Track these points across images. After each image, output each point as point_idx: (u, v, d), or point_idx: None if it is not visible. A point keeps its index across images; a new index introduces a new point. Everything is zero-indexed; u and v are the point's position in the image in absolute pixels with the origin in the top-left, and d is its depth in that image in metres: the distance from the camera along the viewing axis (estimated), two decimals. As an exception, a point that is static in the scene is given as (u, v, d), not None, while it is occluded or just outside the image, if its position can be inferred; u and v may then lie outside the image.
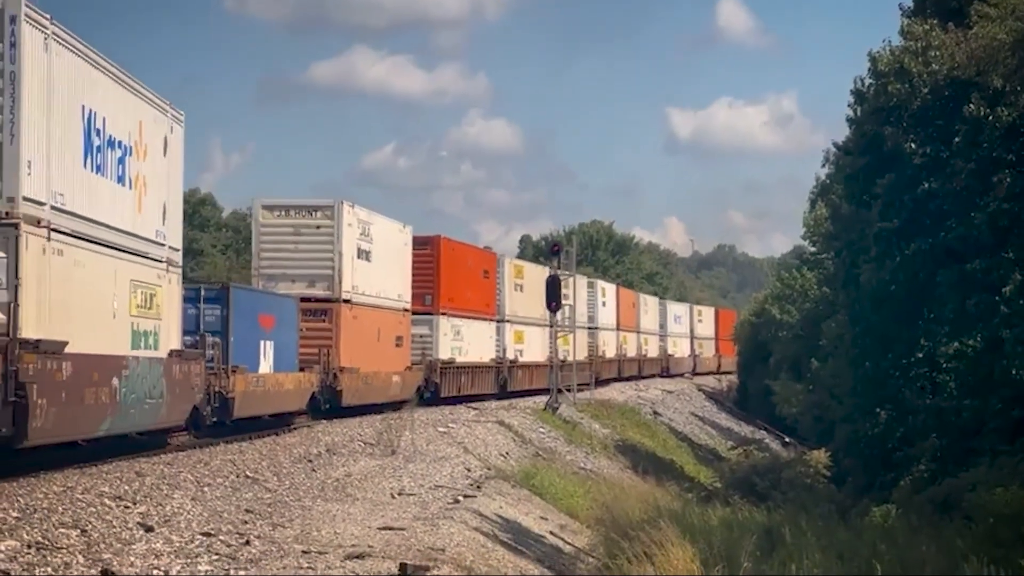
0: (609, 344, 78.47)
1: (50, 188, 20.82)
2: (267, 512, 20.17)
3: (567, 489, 33.75)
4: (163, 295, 26.44)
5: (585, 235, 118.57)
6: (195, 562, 15.49)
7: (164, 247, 26.97)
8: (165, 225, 26.94)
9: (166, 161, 27.04)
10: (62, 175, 21.35)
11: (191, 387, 27.98)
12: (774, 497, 34.86)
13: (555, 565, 23.11)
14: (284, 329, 35.57)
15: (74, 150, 21.97)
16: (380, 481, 25.93)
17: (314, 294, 38.85)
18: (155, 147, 26.25)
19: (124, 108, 24.43)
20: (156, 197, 26.32)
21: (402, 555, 17.31)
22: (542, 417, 49.54)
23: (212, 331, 30.66)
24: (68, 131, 21.66)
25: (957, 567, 20.55)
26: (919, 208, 32.27)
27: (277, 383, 34.37)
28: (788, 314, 70.31)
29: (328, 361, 38.12)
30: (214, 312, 31.08)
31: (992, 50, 28.33)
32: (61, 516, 17.20)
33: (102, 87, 23.27)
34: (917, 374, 34.96)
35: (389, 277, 43.50)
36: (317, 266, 39.13)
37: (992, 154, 30.00)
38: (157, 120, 26.53)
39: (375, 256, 41.92)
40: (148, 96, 25.99)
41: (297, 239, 39.29)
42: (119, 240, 24.05)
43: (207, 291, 31.67)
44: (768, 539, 23.56)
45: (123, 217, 24.30)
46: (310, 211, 39.52)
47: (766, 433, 74.52)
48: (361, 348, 40.11)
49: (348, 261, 39.66)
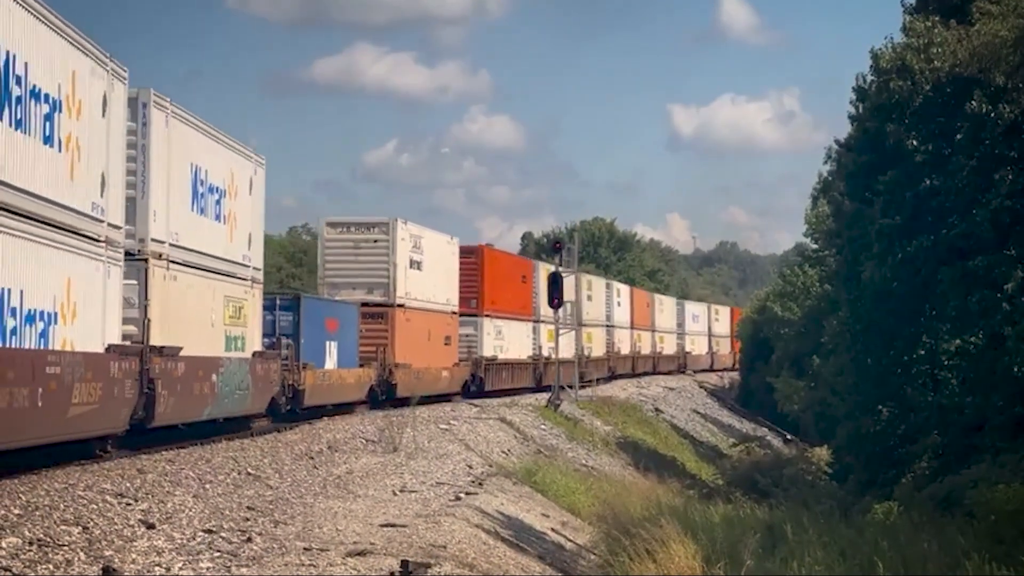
0: (623, 341, 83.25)
1: (169, 229, 26.67)
2: (269, 509, 20.17)
3: (568, 486, 33.77)
4: (248, 307, 32.13)
5: (587, 232, 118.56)
6: (197, 559, 15.49)
7: (249, 268, 32.47)
8: (250, 250, 32.61)
9: (251, 198, 32.82)
10: (177, 218, 27.13)
11: (270, 381, 33.29)
12: (776, 494, 34.89)
13: (557, 562, 23.12)
14: (346, 331, 41.06)
15: (185, 198, 27.89)
16: (382, 478, 25.94)
17: (372, 300, 44.22)
18: (243, 188, 32.02)
19: (220, 160, 30.36)
20: (243, 228, 31.96)
21: (404, 552, 17.32)
22: (543, 414, 49.55)
23: (286, 334, 36.15)
24: (181, 184, 27.62)
25: (959, 564, 20.54)
26: (921, 205, 32.24)
27: (340, 377, 39.75)
28: (790, 311, 70.32)
29: (385, 358, 43.40)
30: (287, 318, 36.68)
31: (994, 47, 28.30)
32: (63, 513, 17.20)
33: (204, 146, 29.15)
34: (919, 371, 34.90)
35: (438, 283, 48.92)
36: (375, 275, 44.48)
37: (994, 151, 29.97)
38: (245, 167, 32.39)
39: (425, 265, 47.30)
40: (239, 148, 31.92)
41: (357, 252, 44.63)
42: (216, 265, 29.78)
43: (282, 301, 37.35)
44: (770, 536, 23.56)
45: (219, 247, 30.13)
46: (368, 227, 44.94)
47: (768, 430, 74.60)
48: (414, 347, 45.49)
49: (402, 271, 45.06)
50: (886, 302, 33.49)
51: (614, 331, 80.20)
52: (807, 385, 55.08)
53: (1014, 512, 23.28)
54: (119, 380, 23.00)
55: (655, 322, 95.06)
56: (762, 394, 78.38)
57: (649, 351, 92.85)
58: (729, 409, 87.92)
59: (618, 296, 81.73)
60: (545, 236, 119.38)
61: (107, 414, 22.61)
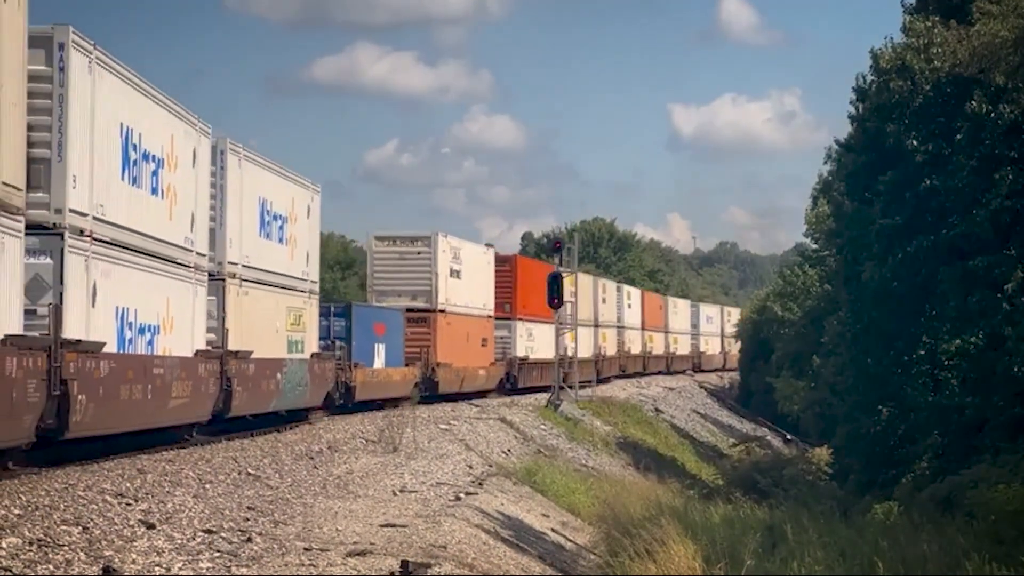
0: (634, 342, 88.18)
1: (241, 253, 31.61)
2: (269, 509, 20.17)
3: (568, 486, 33.78)
4: (307, 315, 36.73)
5: (587, 232, 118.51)
6: (197, 559, 15.48)
7: (307, 282, 36.96)
8: (308, 267, 37.20)
9: (308, 222, 37.41)
10: (248, 243, 32.12)
11: (325, 378, 37.87)
12: (776, 494, 34.89)
13: (557, 562, 23.12)
14: (393, 334, 45.90)
15: (254, 225, 32.66)
16: (382, 478, 25.94)
17: (416, 306, 48.85)
18: (302, 214, 36.70)
19: (283, 191, 35.16)
20: (303, 248, 36.64)
21: (404, 552, 17.31)
22: (543, 414, 49.57)
23: (339, 338, 40.85)
24: (251, 214, 32.49)
25: (959, 565, 20.53)
26: (921, 205, 32.26)
27: (387, 375, 44.39)
28: (790, 311, 70.35)
29: (428, 358, 48.09)
30: (340, 323, 41.41)
31: (994, 47, 28.29)
32: (63, 513, 17.19)
33: (270, 181, 34.09)
34: (919, 371, 34.92)
35: (475, 290, 53.60)
36: (418, 284, 49.29)
37: (994, 151, 29.98)
38: (303, 196, 37.03)
39: (464, 274, 51.94)
40: (299, 180, 36.70)
41: (402, 263, 49.40)
42: (280, 281, 34.50)
43: (335, 308, 42.41)
44: (770, 536, 23.56)
45: (282, 265, 34.85)
46: (412, 241, 49.84)
47: (768, 430, 74.60)
48: (454, 348, 50.15)
49: (443, 280, 49.69)
50: (886, 302, 33.51)
51: (624, 332, 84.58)
52: (807, 385, 55.12)
53: (1014, 512, 23.28)
54: (205, 379, 28.06)
55: (668, 324, 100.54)
56: (762, 394, 78.45)
57: (662, 351, 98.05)
58: (729, 409, 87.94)
59: (628, 299, 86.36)
60: (545, 236, 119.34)
61: (196, 406, 27.77)
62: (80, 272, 22.02)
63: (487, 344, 55.11)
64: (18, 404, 19.13)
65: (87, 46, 22.15)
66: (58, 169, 21.42)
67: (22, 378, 19.09)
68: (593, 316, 73.23)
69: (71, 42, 21.43)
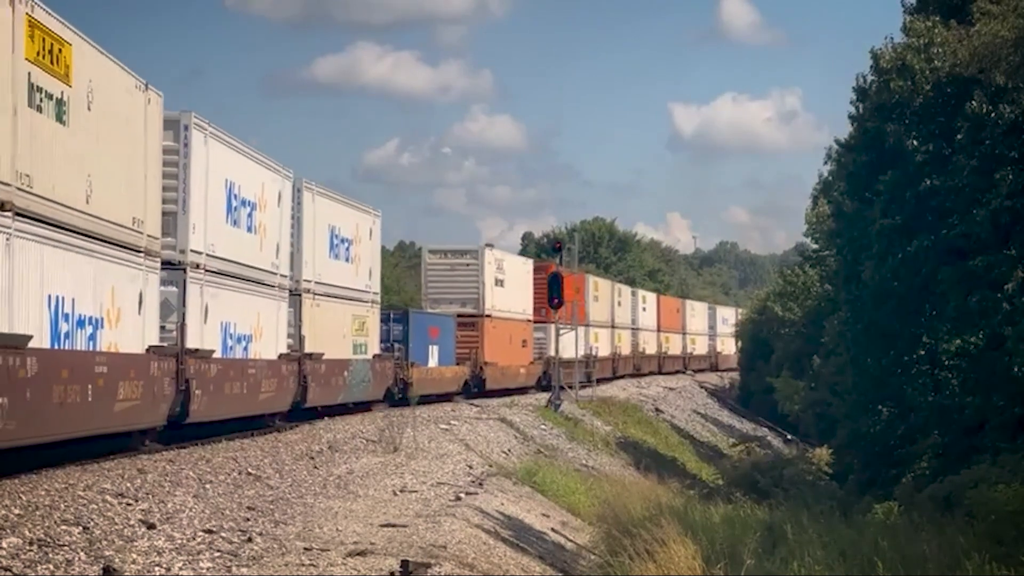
0: (649, 342, 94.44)
1: (314, 272, 37.38)
2: (269, 509, 20.18)
3: (569, 486, 33.79)
4: (370, 321, 42.78)
5: (587, 232, 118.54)
6: (197, 559, 15.50)
7: (369, 293, 43.05)
8: (371, 280, 43.35)
9: (371, 242, 43.64)
10: (320, 264, 37.97)
11: (385, 376, 44.08)
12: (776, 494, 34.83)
13: (557, 562, 23.12)
14: (445, 336, 52.00)
15: (325, 249, 38.70)
16: (382, 478, 25.95)
17: (465, 311, 54.87)
18: (365, 236, 42.71)
19: (349, 218, 41.22)
20: (366, 265, 42.75)
21: (404, 552, 17.32)
22: (544, 414, 49.60)
23: (398, 340, 46.87)
24: (323, 240, 38.46)
25: (959, 564, 20.52)
26: (921, 205, 32.25)
27: (440, 373, 50.57)
28: (790, 311, 70.38)
29: (476, 358, 54.37)
30: (399, 328, 47.49)
31: (994, 47, 28.29)
32: (63, 513, 17.20)
33: (339, 211, 40.15)
34: (919, 371, 34.91)
35: (517, 297, 59.67)
36: (467, 292, 55.29)
37: (994, 151, 29.97)
38: (366, 220, 43.18)
39: (507, 283, 58.24)
40: (362, 208, 42.96)
41: (453, 273, 55.63)
42: (346, 294, 40.29)
43: (394, 314, 48.35)
44: (770, 536, 23.55)
45: (348, 280, 40.69)
46: (461, 254, 56.25)
47: (768, 430, 74.58)
48: (498, 349, 56.74)
49: (488, 288, 55.79)
50: (886, 302, 33.50)
51: (639, 333, 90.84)
52: (807, 385, 55.12)
53: (1014, 512, 23.27)
54: (286, 376, 33.86)
55: (686, 325, 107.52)
56: (762, 394, 78.43)
57: (678, 351, 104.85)
58: (729, 409, 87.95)
59: (643, 302, 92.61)
60: (545, 236, 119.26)
61: (280, 399, 33.53)
62: (196, 296, 28.06)
63: (527, 345, 61.48)
64: (157, 396, 25.14)
65: (203, 124, 28.32)
66: (183, 220, 27.63)
67: (159, 376, 25.14)
68: (610, 318, 79.48)
69: (192, 123, 27.80)
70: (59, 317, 20.86)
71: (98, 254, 22.59)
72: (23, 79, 19.37)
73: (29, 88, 19.57)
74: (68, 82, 21.02)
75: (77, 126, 21.40)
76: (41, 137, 20.06)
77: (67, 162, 21.15)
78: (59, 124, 20.72)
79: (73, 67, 21.19)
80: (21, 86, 19.30)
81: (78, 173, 21.66)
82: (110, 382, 22.37)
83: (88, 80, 21.89)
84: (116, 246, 23.44)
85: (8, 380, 18.25)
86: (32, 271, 19.86)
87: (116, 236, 23.37)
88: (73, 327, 21.42)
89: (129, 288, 24.10)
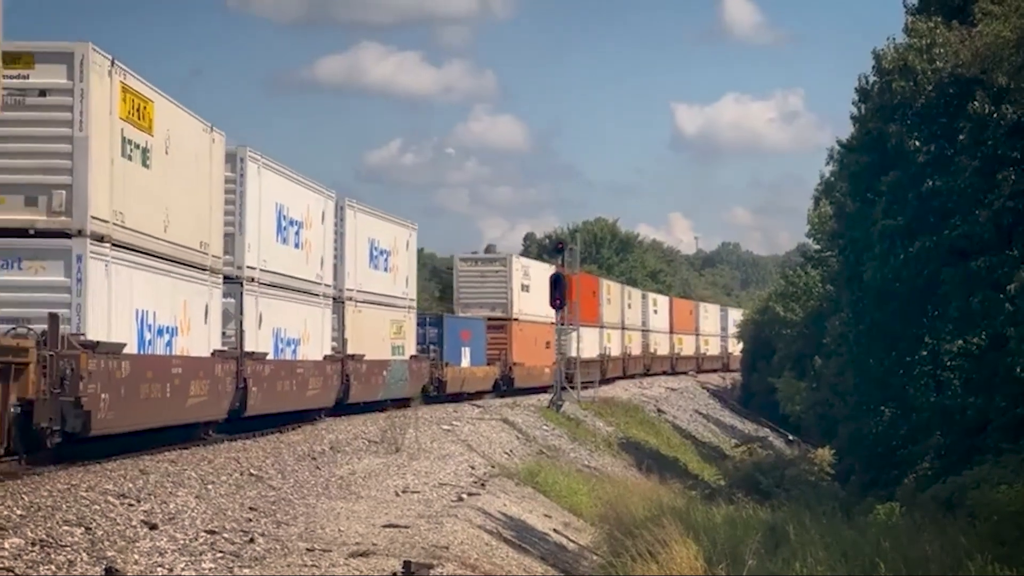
0: (661, 344, 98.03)
1: (356, 281, 40.71)
2: (271, 510, 20.19)
3: (571, 487, 33.81)
4: (407, 325, 46.52)
5: (589, 232, 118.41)
6: (199, 560, 15.51)
7: (406, 299, 46.67)
8: (407, 287, 46.97)
9: (407, 253, 47.27)
10: (361, 273, 41.28)
11: (421, 375, 47.89)
12: (778, 495, 34.86)
13: (559, 563, 23.13)
14: (476, 339, 56.03)
15: (365, 260, 42.03)
16: (384, 479, 25.96)
17: (495, 315, 58.83)
18: (402, 247, 46.44)
19: (388, 232, 44.91)
20: (403, 274, 46.44)
21: (406, 553, 17.34)
22: (546, 415, 49.62)
23: (433, 342, 50.76)
24: (363, 252, 41.85)
25: (961, 565, 20.55)
26: (923, 206, 32.22)
27: (472, 372, 54.78)
28: (792, 312, 70.31)
29: (506, 358, 58.59)
30: (434, 331, 51.36)
31: (997, 48, 28.29)
32: (65, 514, 17.21)
33: (378, 225, 43.89)
34: (921, 372, 34.88)
35: (541, 302, 60.62)
36: (497, 297, 59.44)
37: (996, 152, 29.95)
38: (403, 233, 46.91)
39: (532, 288, 61.46)
40: (400, 222, 46.81)
41: (483, 280, 59.68)
42: (385, 300, 43.94)
43: (430, 319, 52.25)
44: (772, 537, 23.57)
45: (387, 288, 44.38)
46: (491, 261, 61.00)
47: (769, 431, 74.54)
48: (525, 350, 60.79)
49: (516, 293, 59.90)
50: (888, 303, 33.49)
51: (650, 335, 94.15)
52: (809, 386, 55.05)
53: (1016, 513, 23.26)
54: (330, 375, 37.44)
55: (699, 327, 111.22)
56: (764, 395, 78.38)
57: (691, 352, 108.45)
58: (731, 410, 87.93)
59: (654, 305, 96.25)
60: (547, 237, 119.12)
61: (324, 395, 37.11)
62: (252, 306, 31.75)
63: (550, 346, 63.40)
64: (221, 393, 28.94)
65: (257, 156, 32.22)
66: (239, 240, 31.38)
67: (222, 376, 28.93)
68: (620, 320, 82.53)
69: (248, 156, 31.70)
70: (144, 327, 24.98)
71: (173, 273, 26.70)
72: (118, 135, 23.62)
73: (122, 141, 23.83)
74: (150, 132, 25.26)
75: (157, 168, 25.63)
76: (130, 180, 24.18)
77: (150, 199, 25.29)
78: (144, 168, 25.00)
79: (155, 120, 25.44)
80: (116, 141, 23.55)
81: (158, 207, 25.79)
82: (184, 381, 26.47)
83: (166, 129, 26.07)
84: (187, 266, 27.50)
85: (109, 380, 22.38)
86: (124, 290, 23.94)
87: (187, 257, 27.45)
88: (154, 335, 25.60)
89: (197, 301, 28.12)
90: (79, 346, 21.40)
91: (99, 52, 22.80)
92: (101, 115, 22.87)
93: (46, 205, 22.40)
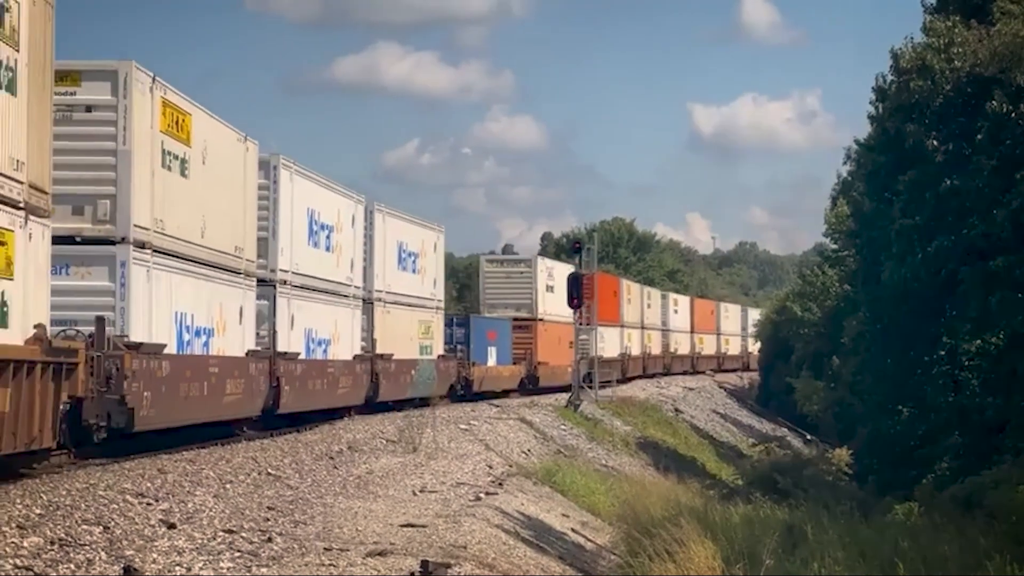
0: (682, 343, 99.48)
1: (384, 282, 42.19)
2: (289, 509, 20.22)
3: (589, 486, 33.77)
4: (434, 325, 47.93)
5: (606, 232, 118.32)
6: (217, 559, 15.53)
7: (434, 300, 48.22)
8: (435, 289, 48.46)
9: (435, 255, 48.92)
10: (389, 275, 42.85)
11: (449, 374, 49.25)
12: (796, 495, 34.76)
13: (577, 562, 23.13)
14: (502, 339, 57.82)
15: (394, 262, 43.59)
16: (402, 478, 25.98)
17: (520, 316, 60.41)
18: (430, 249, 47.99)
19: (415, 235, 46.48)
20: (430, 276, 47.93)
21: (424, 552, 17.34)
22: (563, 414, 49.58)
23: (460, 342, 52.06)
24: (392, 254, 43.31)
25: (980, 565, 20.49)
26: (941, 205, 32.18)
27: (498, 372, 56.54)
28: (809, 312, 70.21)
29: (531, 358, 60.20)
30: (461, 331, 52.75)
31: (1015, 47, 28.27)
32: (84, 513, 17.26)
33: (406, 228, 45.39)
34: (939, 371, 34.83)
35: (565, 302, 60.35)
36: (522, 298, 60.85)
37: (1015, 151, 29.92)
38: (431, 236, 48.37)
39: (556, 289, 62.30)
40: (427, 225, 48.31)
41: (508, 281, 61.11)
42: (413, 301, 45.50)
43: (457, 319, 53.89)
44: (790, 537, 23.52)
45: (415, 289, 45.87)
46: (516, 263, 62.84)
47: (787, 430, 74.38)
48: (550, 349, 62.00)
49: (541, 294, 61.32)
50: (906, 302, 33.44)
51: (670, 334, 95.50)
52: (827, 385, 55.03)
53: (1035, 513, 23.22)
54: (360, 374, 38.78)
55: (720, 327, 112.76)
56: (782, 394, 78.25)
57: (713, 351, 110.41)
58: (748, 409, 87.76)
59: (675, 305, 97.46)
60: (564, 236, 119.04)
61: (354, 393, 38.41)
62: (284, 308, 32.98)
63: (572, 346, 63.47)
64: (255, 391, 30.31)
65: (290, 164, 33.52)
66: (272, 244, 32.57)
67: (256, 375, 30.30)
68: (640, 320, 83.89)
69: (281, 163, 32.94)
70: (183, 328, 26.31)
71: (210, 277, 27.98)
72: (158, 147, 25.03)
73: (162, 153, 25.25)
74: (188, 144, 26.62)
75: (195, 177, 26.95)
76: (170, 189, 25.59)
77: (188, 206, 26.57)
78: (182, 177, 26.36)
79: (192, 132, 26.83)
80: (157, 152, 24.97)
81: (195, 214, 27.10)
82: (220, 380, 27.88)
83: (203, 140, 27.47)
84: (223, 270, 28.77)
85: (151, 379, 23.76)
86: (164, 293, 25.31)
87: (223, 262, 28.71)
88: (192, 336, 26.88)
89: (233, 303, 29.46)
90: (123, 347, 22.73)
91: (141, 70, 24.18)
92: (143, 129, 24.25)
93: (92, 214, 23.87)
